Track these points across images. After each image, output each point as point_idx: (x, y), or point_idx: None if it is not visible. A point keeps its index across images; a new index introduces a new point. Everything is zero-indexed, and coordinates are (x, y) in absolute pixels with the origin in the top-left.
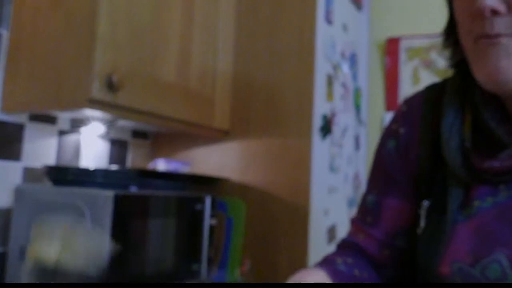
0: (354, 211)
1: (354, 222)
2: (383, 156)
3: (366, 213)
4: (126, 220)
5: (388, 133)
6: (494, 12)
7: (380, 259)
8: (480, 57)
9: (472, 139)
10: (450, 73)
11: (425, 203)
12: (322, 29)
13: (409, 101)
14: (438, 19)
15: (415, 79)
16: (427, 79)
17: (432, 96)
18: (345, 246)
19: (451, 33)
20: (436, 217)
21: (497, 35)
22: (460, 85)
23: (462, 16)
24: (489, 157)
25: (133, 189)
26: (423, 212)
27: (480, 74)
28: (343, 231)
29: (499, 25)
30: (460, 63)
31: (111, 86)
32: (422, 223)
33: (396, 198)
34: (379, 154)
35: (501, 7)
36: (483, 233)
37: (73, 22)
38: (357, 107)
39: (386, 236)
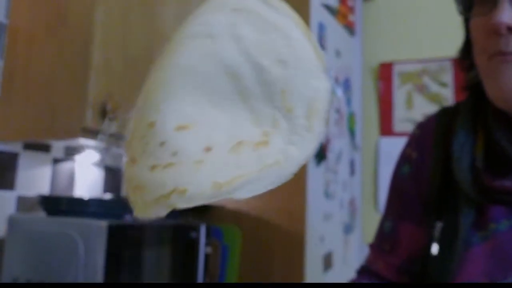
0: (350, 238)
1: (372, 248)
2: (398, 182)
3: (384, 240)
4: (120, 250)
5: (402, 158)
6: (510, 30)
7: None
8: (493, 74)
9: (484, 159)
10: (443, 97)
11: (438, 225)
12: None
13: (422, 125)
14: (430, 45)
15: (408, 103)
16: (420, 103)
17: (445, 119)
18: (364, 273)
19: (467, 55)
20: (449, 238)
21: None
22: (473, 106)
23: (477, 34)
24: (501, 176)
25: (128, 218)
26: (436, 234)
27: (492, 91)
28: (339, 258)
29: None
30: (473, 86)
31: (105, 115)
32: (436, 244)
33: (412, 223)
34: (394, 179)
35: None
36: (499, 256)
37: (67, 51)
38: (352, 132)
39: (405, 262)
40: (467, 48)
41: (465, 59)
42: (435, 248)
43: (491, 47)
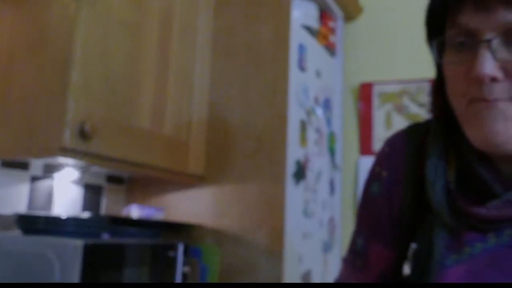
0: (329, 256)
1: (345, 262)
2: (368, 200)
3: (356, 256)
4: (97, 270)
5: (372, 176)
6: (492, 79)
7: None
8: (474, 119)
9: (457, 181)
10: (421, 117)
11: (413, 246)
12: (295, 76)
13: (391, 142)
14: (409, 66)
15: (388, 123)
16: (400, 123)
17: (415, 137)
18: None
19: (440, 93)
20: (423, 260)
21: (495, 100)
22: (444, 131)
23: (455, 81)
24: (476, 201)
25: (106, 237)
26: (410, 255)
27: (475, 137)
28: (318, 277)
29: (497, 90)
30: (442, 110)
31: (83, 134)
32: (409, 266)
33: (382, 244)
34: (365, 197)
35: (499, 74)
36: (474, 279)
37: (47, 71)
38: (332, 152)
39: (376, 281)
40: (440, 86)
41: (439, 98)
42: (407, 269)
43: (472, 93)
